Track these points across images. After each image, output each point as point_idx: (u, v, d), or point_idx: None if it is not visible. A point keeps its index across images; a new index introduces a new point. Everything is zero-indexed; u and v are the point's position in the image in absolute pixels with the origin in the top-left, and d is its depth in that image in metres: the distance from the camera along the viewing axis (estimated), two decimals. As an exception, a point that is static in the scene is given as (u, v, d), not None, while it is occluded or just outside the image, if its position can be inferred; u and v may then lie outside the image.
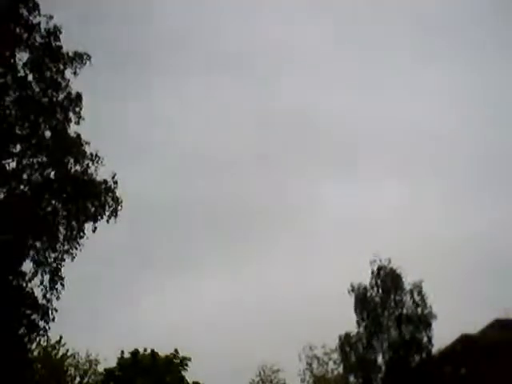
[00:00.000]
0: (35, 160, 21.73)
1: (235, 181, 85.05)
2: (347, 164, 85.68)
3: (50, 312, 21.65)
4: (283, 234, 76.68)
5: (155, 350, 53.73)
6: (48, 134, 21.79)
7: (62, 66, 21.87)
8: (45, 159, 21.72)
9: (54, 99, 21.59)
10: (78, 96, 22.12)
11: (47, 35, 21.54)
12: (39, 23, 21.67)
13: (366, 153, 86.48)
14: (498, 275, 57.40)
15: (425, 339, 44.14)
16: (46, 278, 22.23)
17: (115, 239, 41.55)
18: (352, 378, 46.30)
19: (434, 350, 43.77)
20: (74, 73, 22.21)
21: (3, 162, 21.45)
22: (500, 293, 50.39)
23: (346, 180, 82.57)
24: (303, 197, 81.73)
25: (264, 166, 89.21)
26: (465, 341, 39.88)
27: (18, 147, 21.61)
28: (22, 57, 21.39)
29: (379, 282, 45.29)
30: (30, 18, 21.41)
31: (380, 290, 45.21)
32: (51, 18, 21.81)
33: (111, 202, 22.63)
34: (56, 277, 22.13)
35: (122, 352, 53.73)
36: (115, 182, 22.74)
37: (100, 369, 52.67)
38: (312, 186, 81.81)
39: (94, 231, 22.74)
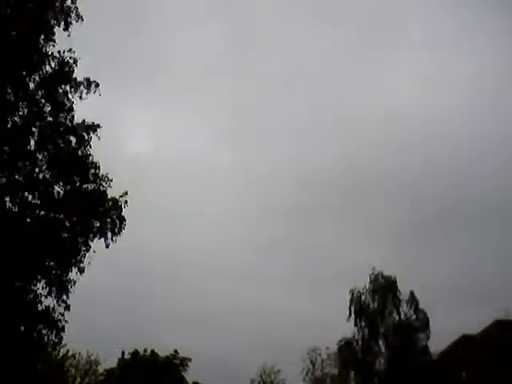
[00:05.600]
0: (44, 175, 21.67)
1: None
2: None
3: (61, 328, 21.62)
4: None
5: (155, 351, 53.99)
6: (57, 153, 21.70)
7: (68, 89, 21.86)
8: (53, 176, 21.66)
9: (62, 120, 21.58)
10: (94, 126, 22.06)
11: (61, 64, 21.51)
12: (58, 52, 21.60)
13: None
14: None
15: (422, 343, 44.69)
16: (54, 290, 22.17)
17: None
18: (351, 382, 46.65)
19: (435, 350, 44.18)
20: (80, 97, 22.22)
21: (12, 175, 21.40)
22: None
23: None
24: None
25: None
26: (465, 341, 40.05)
27: (27, 163, 21.51)
28: (34, 79, 21.32)
29: (376, 288, 45.88)
30: (46, 47, 21.36)
31: (377, 297, 45.81)
32: (70, 50, 21.76)
33: (116, 221, 22.55)
34: (63, 291, 22.07)
35: (123, 352, 54.01)
36: (126, 202, 22.62)
37: (100, 369, 52.75)
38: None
39: (107, 247, 22.68)
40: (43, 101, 20.80)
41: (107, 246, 22.40)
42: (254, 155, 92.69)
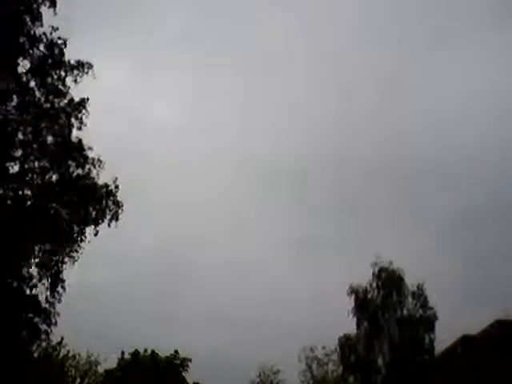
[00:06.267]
0: (37, 164, 21.73)
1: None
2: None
3: (52, 316, 21.68)
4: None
5: (155, 351, 53.93)
6: (50, 138, 21.80)
7: (63, 74, 21.89)
8: (47, 164, 21.73)
9: (56, 105, 21.61)
10: (82, 102, 22.12)
11: (50, 46, 21.51)
12: (44, 33, 21.62)
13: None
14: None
15: (426, 340, 44.32)
16: (48, 281, 22.23)
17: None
18: (352, 380, 46.36)
19: (434, 350, 43.86)
20: (75, 80, 22.25)
21: (6, 165, 21.44)
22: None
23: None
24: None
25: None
26: (465, 341, 39.77)
27: (20, 151, 21.58)
28: (25, 64, 21.40)
29: (380, 283, 45.40)
30: (34, 28, 21.34)
31: (381, 292, 45.29)
32: (56, 29, 21.81)
33: (112, 206, 22.66)
34: (57, 280, 22.14)
35: (123, 353, 53.89)
36: (116, 187, 22.77)
37: (100, 369, 52.56)
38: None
39: (95, 235, 22.77)
40: (36, 88, 20.90)
41: (96, 234, 22.50)
42: (260, 154, 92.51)
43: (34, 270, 22.15)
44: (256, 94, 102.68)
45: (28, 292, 21.97)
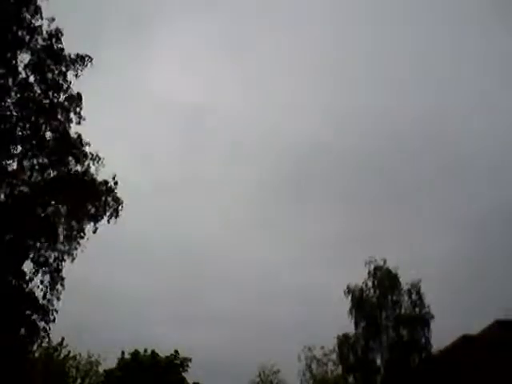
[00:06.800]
0: (36, 161, 21.70)
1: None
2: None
3: (50, 313, 21.66)
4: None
5: (155, 351, 53.93)
6: (49, 134, 21.78)
7: (63, 68, 21.85)
8: (45, 160, 21.70)
9: (55, 100, 21.57)
10: (79, 96, 22.09)
11: (49, 38, 21.48)
12: (41, 26, 21.61)
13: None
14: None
15: (423, 339, 44.27)
16: (47, 278, 22.22)
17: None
18: (351, 379, 46.31)
19: (435, 350, 43.80)
20: (76, 75, 22.21)
21: (5, 162, 21.43)
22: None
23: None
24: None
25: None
26: (465, 341, 39.73)
27: (19, 148, 21.57)
28: (24, 58, 21.36)
29: (376, 282, 45.36)
30: (32, 20, 21.32)
31: (377, 291, 45.26)
32: (53, 20, 21.75)
33: (112, 203, 22.61)
34: (57, 277, 22.13)
35: (123, 353, 53.89)
36: (116, 183, 22.71)
37: (101, 370, 52.57)
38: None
39: (94, 232, 22.72)
40: (35, 83, 20.89)
41: (95, 231, 22.48)
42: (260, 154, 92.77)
43: (32, 267, 22.14)
44: (256, 93, 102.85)
45: (26, 289, 21.93)
